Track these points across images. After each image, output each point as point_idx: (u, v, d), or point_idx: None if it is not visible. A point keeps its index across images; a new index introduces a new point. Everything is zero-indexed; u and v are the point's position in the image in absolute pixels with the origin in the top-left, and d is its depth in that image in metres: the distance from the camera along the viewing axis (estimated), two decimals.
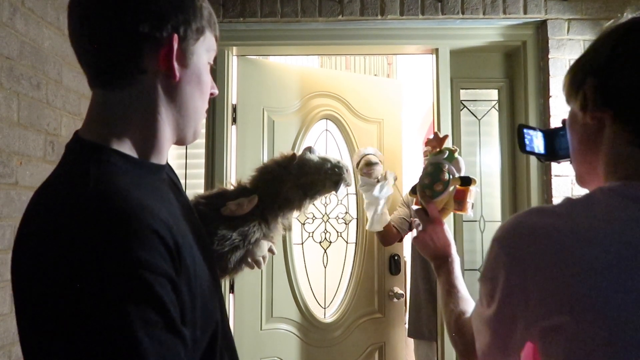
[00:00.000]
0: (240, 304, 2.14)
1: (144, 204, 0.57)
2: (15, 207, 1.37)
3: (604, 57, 0.65)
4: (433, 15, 2.01)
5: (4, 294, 1.34)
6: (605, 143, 0.66)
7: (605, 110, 0.65)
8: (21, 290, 0.56)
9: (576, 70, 0.70)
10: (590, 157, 0.69)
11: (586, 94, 0.66)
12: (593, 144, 0.68)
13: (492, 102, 2.21)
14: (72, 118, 1.64)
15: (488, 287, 0.65)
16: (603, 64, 0.65)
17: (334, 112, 2.44)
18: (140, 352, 0.50)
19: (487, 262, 0.66)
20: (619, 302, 0.54)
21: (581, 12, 1.99)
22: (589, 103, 0.66)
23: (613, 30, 0.66)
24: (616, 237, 0.56)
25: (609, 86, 0.64)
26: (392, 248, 2.49)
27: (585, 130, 0.69)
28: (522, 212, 0.65)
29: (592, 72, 0.66)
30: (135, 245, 0.53)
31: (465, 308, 0.92)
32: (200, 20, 0.68)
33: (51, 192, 0.61)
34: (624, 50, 0.63)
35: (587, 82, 0.66)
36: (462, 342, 0.86)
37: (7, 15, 1.35)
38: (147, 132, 0.67)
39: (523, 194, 2.08)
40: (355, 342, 2.41)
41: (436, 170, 1.07)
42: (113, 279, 0.51)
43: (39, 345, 0.53)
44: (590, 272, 0.55)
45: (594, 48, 0.68)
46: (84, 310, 0.50)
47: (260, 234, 1.10)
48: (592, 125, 0.67)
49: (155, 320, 0.52)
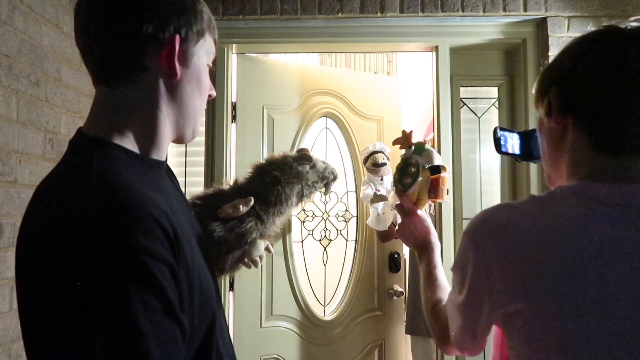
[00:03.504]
0: (240, 302, 2.14)
1: (145, 194, 0.60)
2: (14, 205, 1.37)
3: (566, 68, 0.70)
4: (433, 13, 2.01)
5: (3, 292, 1.34)
6: (568, 146, 0.71)
7: (567, 117, 0.70)
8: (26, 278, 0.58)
9: (543, 77, 0.76)
10: (556, 160, 0.75)
11: (550, 101, 0.72)
12: (558, 146, 0.73)
13: (492, 99, 2.21)
14: (71, 116, 1.64)
15: (459, 275, 0.72)
16: (565, 74, 0.70)
17: (334, 109, 2.44)
18: (139, 335, 0.52)
19: (458, 253, 0.72)
20: (569, 291, 0.59)
21: (581, 9, 1.99)
22: (553, 109, 0.72)
23: (577, 43, 0.71)
24: (573, 231, 0.62)
25: (570, 95, 0.70)
26: (391, 246, 2.50)
27: (551, 134, 0.75)
28: (491, 207, 0.71)
29: (556, 80, 0.72)
30: (136, 233, 0.55)
31: (441, 296, 0.98)
32: (201, 23, 0.71)
33: (55, 183, 0.63)
34: (583, 63, 0.68)
35: (552, 90, 0.72)
36: (438, 329, 0.92)
37: (6, 12, 1.35)
38: (148, 128, 0.70)
39: (523, 192, 2.08)
40: (355, 339, 2.41)
41: (404, 164, 1.13)
42: (115, 265, 0.53)
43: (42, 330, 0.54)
44: (544, 263, 0.61)
45: (560, 58, 0.73)
46: (86, 295, 0.52)
47: (256, 233, 1.11)
48: (557, 129, 0.73)
49: (155, 305, 0.54)
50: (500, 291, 0.65)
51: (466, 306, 0.71)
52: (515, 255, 0.64)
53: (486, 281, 0.66)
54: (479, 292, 0.68)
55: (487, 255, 0.66)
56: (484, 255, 0.67)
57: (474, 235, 0.69)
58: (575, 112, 0.69)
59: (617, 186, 0.65)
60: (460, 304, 0.72)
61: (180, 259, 0.61)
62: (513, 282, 0.63)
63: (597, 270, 0.60)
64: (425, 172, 1.10)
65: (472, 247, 0.69)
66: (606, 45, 0.67)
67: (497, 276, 0.65)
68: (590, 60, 0.68)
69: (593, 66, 0.67)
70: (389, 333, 2.52)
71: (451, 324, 0.77)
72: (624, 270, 0.59)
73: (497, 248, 0.66)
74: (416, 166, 1.10)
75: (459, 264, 0.72)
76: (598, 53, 0.67)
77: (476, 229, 0.70)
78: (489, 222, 0.69)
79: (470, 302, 0.70)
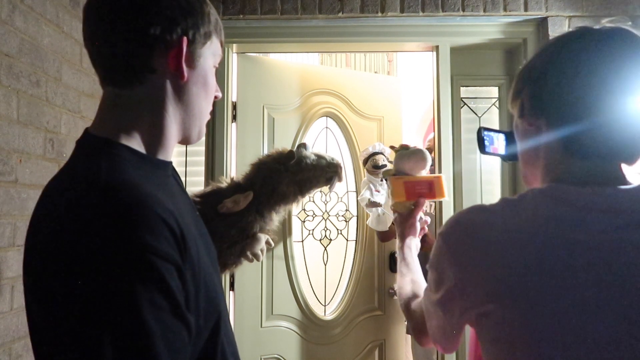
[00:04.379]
0: (241, 302, 2.14)
1: (152, 194, 0.60)
2: (14, 205, 1.37)
3: (538, 70, 0.71)
4: (433, 13, 2.01)
5: (4, 292, 1.34)
6: (542, 148, 0.72)
7: (539, 119, 0.70)
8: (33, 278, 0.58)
9: (517, 78, 0.75)
10: (532, 160, 0.75)
11: (523, 102, 0.72)
12: (533, 148, 0.74)
13: (492, 99, 2.21)
14: (72, 116, 1.64)
15: (434, 275, 0.73)
16: (537, 75, 0.70)
17: (334, 109, 2.43)
18: (147, 334, 0.53)
19: (433, 252, 0.73)
20: (536, 293, 0.60)
21: (582, 9, 1.98)
22: (525, 110, 0.72)
23: (551, 44, 0.71)
24: (539, 234, 0.63)
25: (541, 97, 0.70)
26: (392, 245, 2.49)
27: (525, 135, 0.75)
28: (465, 209, 0.72)
29: (529, 82, 0.72)
30: (143, 232, 0.55)
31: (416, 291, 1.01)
32: (208, 25, 0.72)
33: (63, 184, 0.64)
34: (554, 65, 0.68)
35: (524, 91, 0.72)
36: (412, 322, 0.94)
37: (6, 12, 1.35)
38: (155, 129, 0.71)
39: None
40: (356, 339, 2.41)
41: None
42: (122, 263, 0.54)
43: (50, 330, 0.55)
44: (513, 265, 0.62)
45: (533, 60, 0.73)
46: (94, 294, 0.52)
47: (257, 227, 1.12)
48: (530, 130, 0.73)
49: (162, 304, 0.55)
50: (471, 292, 0.66)
51: (440, 305, 0.72)
52: (485, 257, 0.65)
53: (459, 282, 0.67)
54: (452, 292, 0.69)
55: (459, 256, 0.68)
56: (457, 257, 0.68)
57: (447, 236, 0.70)
58: (547, 114, 0.69)
59: (585, 189, 0.65)
60: (435, 302, 0.73)
61: (186, 258, 0.61)
62: (484, 283, 0.64)
63: (564, 273, 0.60)
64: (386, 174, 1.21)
65: (445, 248, 0.70)
66: (577, 47, 0.67)
67: (469, 277, 0.66)
68: (561, 62, 0.68)
69: (563, 69, 0.67)
70: (389, 333, 2.52)
71: (427, 320, 0.79)
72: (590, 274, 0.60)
73: (469, 249, 0.67)
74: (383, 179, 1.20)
75: (434, 264, 0.73)
76: (569, 55, 0.67)
77: (449, 230, 0.71)
78: (462, 223, 0.70)
79: (444, 301, 0.70)
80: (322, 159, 1.22)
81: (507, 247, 0.63)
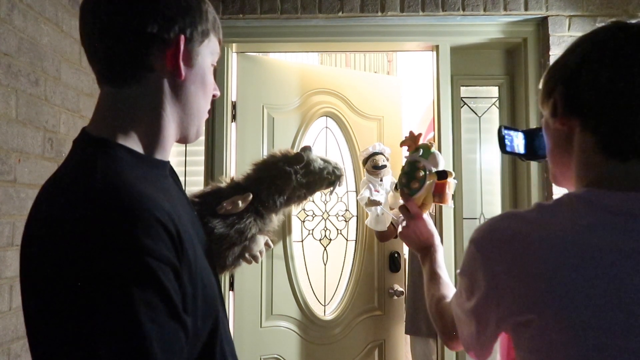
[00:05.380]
0: (240, 302, 2.14)
1: (149, 194, 0.60)
2: (13, 204, 1.36)
3: (572, 67, 0.68)
4: (433, 12, 2.01)
5: (2, 292, 1.33)
6: (576, 148, 0.69)
7: (573, 118, 0.68)
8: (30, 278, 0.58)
9: (548, 77, 0.73)
10: (563, 160, 0.73)
11: (556, 101, 0.70)
12: (565, 148, 0.71)
13: (492, 99, 2.20)
14: (71, 115, 1.63)
15: (466, 282, 0.71)
16: (571, 73, 0.68)
17: (334, 109, 2.43)
18: (142, 336, 0.52)
19: (465, 260, 0.71)
20: (578, 304, 0.58)
21: (582, 8, 1.98)
22: (558, 110, 0.69)
23: (584, 40, 0.69)
24: (579, 242, 0.60)
25: (576, 95, 0.67)
26: (392, 245, 2.49)
27: (557, 135, 0.72)
28: (497, 216, 0.69)
29: (562, 80, 0.69)
30: (139, 233, 0.55)
31: (445, 292, 0.98)
32: (206, 23, 0.71)
33: (59, 184, 0.63)
34: (589, 62, 0.66)
35: (557, 90, 0.69)
36: (441, 324, 0.93)
37: (5, 11, 1.34)
38: (153, 128, 0.70)
39: (523, 192, 2.08)
40: (355, 339, 2.41)
41: (412, 168, 1.12)
42: (118, 265, 0.53)
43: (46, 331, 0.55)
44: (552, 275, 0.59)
45: (565, 57, 0.71)
46: (89, 295, 0.52)
47: (256, 229, 1.11)
48: (563, 130, 0.70)
49: (158, 306, 0.55)
50: (509, 302, 0.63)
51: (474, 314, 0.69)
52: (523, 267, 0.62)
53: (494, 292, 0.65)
54: (487, 302, 0.66)
55: (494, 266, 0.65)
56: (492, 266, 0.65)
57: (481, 245, 0.68)
58: (582, 113, 0.67)
59: (627, 195, 0.62)
60: (468, 311, 0.71)
61: (183, 259, 0.61)
62: (522, 293, 0.62)
63: (607, 284, 0.57)
64: (432, 177, 1.10)
65: (479, 257, 0.67)
66: (614, 43, 0.64)
67: (506, 287, 0.63)
68: (596, 59, 0.65)
69: (600, 66, 0.64)
70: (389, 333, 2.51)
71: (460, 328, 0.77)
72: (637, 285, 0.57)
73: (505, 259, 0.64)
74: (424, 170, 1.10)
75: (466, 271, 0.70)
76: (605, 52, 0.65)
77: (483, 239, 0.68)
78: (496, 232, 0.67)
79: (479, 310, 0.68)
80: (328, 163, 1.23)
81: (546, 256, 0.60)
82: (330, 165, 1.22)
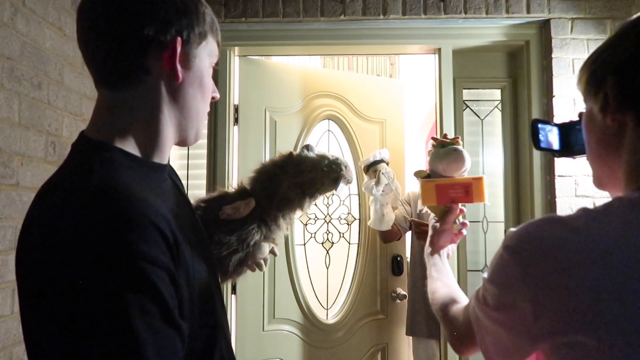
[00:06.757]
0: (243, 305, 2.14)
1: (145, 198, 0.59)
2: (16, 208, 1.36)
3: (627, 54, 0.60)
4: (435, 15, 2.01)
5: (5, 295, 1.33)
6: (627, 147, 0.62)
7: (627, 113, 0.60)
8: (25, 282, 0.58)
9: (595, 67, 0.65)
10: (610, 161, 0.65)
11: (607, 95, 0.62)
12: (613, 147, 0.63)
13: (495, 102, 2.20)
14: (74, 118, 1.64)
15: (496, 291, 0.63)
16: (625, 61, 0.60)
17: (337, 112, 2.43)
18: (136, 340, 0.52)
19: (496, 267, 0.63)
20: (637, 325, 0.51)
21: (585, 11, 1.98)
22: (610, 104, 0.62)
23: (635, 24, 0.61)
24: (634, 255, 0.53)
25: (632, 86, 0.59)
26: (394, 248, 2.48)
27: (604, 132, 0.64)
28: (536, 220, 0.61)
29: (614, 70, 0.61)
30: (135, 238, 0.54)
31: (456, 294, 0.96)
32: (203, 25, 0.71)
33: (56, 187, 0.63)
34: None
35: (608, 81, 0.62)
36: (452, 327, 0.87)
37: (8, 15, 1.35)
38: (150, 131, 0.70)
39: (526, 194, 2.07)
40: (358, 343, 2.40)
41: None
42: (113, 269, 0.53)
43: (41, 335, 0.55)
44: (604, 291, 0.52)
45: (615, 43, 0.62)
46: (84, 298, 0.52)
47: (259, 236, 1.08)
48: (612, 127, 0.62)
49: (153, 311, 0.54)
50: (550, 319, 0.56)
51: (503, 326, 0.62)
52: (568, 281, 0.54)
53: (531, 306, 0.57)
54: (521, 315, 0.58)
55: (533, 278, 0.57)
56: (530, 278, 0.57)
57: (517, 252, 0.60)
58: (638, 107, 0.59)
59: None
60: (495, 320, 0.64)
61: (179, 263, 0.60)
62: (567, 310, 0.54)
63: None
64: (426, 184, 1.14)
65: (514, 266, 0.59)
66: None
67: (547, 303, 0.56)
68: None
69: None
70: (392, 336, 2.50)
71: (479, 334, 0.69)
72: None
73: (547, 271, 0.56)
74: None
75: (497, 279, 0.63)
76: None
77: (520, 246, 0.60)
78: (536, 239, 0.59)
79: (512, 323, 0.61)
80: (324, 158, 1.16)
81: (597, 270, 0.53)
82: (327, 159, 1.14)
